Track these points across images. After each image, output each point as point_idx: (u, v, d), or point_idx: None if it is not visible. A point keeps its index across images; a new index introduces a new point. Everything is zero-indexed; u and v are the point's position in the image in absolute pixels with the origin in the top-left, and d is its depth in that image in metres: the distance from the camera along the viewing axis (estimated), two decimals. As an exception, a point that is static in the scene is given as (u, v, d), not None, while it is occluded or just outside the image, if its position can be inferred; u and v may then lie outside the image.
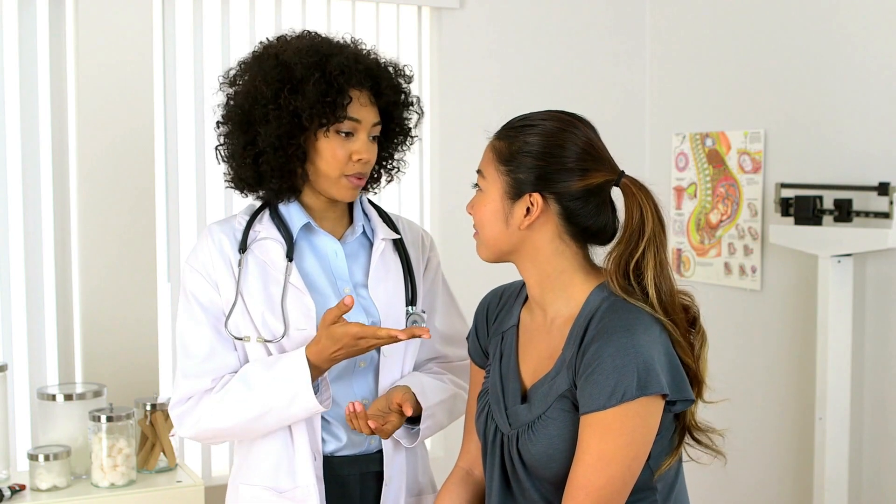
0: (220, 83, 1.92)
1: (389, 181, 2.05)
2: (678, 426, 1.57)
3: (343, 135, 1.83)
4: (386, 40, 3.41)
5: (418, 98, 1.99)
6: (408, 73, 1.96)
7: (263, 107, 1.81)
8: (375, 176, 2.02)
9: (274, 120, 1.80)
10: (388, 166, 2.02)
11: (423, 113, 2.00)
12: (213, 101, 1.96)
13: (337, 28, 1.96)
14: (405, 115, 1.96)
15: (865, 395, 2.97)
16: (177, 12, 3.11)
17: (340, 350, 1.76)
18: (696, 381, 1.56)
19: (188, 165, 3.15)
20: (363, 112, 1.84)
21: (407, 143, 2.00)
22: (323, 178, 1.85)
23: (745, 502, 3.38)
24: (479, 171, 1.63)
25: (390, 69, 1.93)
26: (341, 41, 1.90)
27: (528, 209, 1.56)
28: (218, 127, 1.92)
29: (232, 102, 1.88)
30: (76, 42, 2.93)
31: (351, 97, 1.82)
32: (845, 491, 2.91)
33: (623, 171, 1.58)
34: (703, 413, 1.60)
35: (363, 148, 1.84)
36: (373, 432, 1.79)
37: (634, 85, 3.79)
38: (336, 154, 1.82)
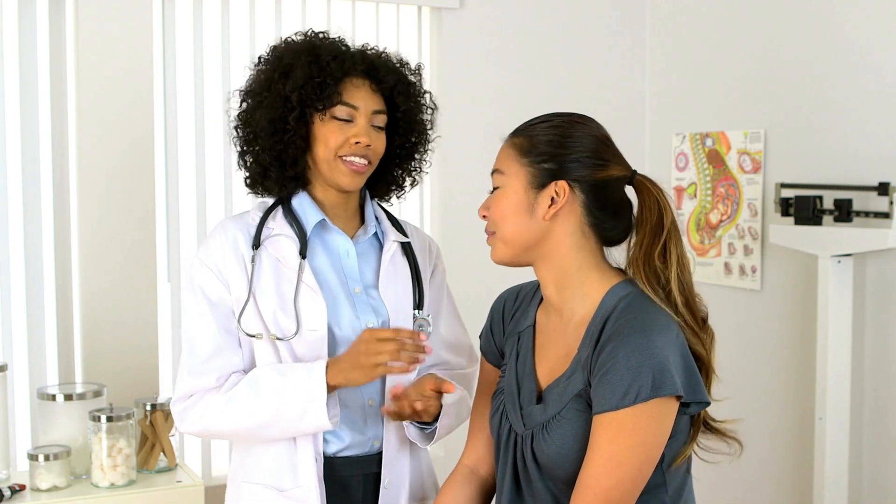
0: (238, 94, 1.92)
1: (413, 183, 2.03)
2: (692, 425, 1.57)
3: (342, 121, 1.83)
4: (386, 40, 3.40)
5: (431, 93, 1.95)
6: (412, 65, 1.94)
7: (258, 95, 1.84)
8: (400, 182, 2.00)
9: (267, 106, 1.82)
10: (409, 167, 1.99)
11: (436, 107, 1.97)
12: (213, 101, 1.96)
13: (337, 28, 1.95)
14: (411, 104, 1.92)
15: (865, 395, 2.96)
16: (177, 14, 3.11)
17: (359, 354, 1.76)
18: (706, 372, 1.56)
19: (188, 166, 3.15)
20: (359, 96, 1.84)
21: (422, 140, 1.97)
22: (323, 164, 1.85)
23: (746, 502, 3.38)
24: (495, 171, 1.62)
25: (392, 59, 1.91)
26: (346, 41, 1.90)
27: (552, 199, 1.56)
28: (235, 132, 1.93)
29: (242, 107, 1.90)
30: (76, 44, 2.93)
31: (342, 79, 1.82)
32: (845, 491, 2.90)
33: (636, 170, 1.60)
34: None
35: (362, 131, 1.83)
36: (414, 414, 1.80)
37: (634, 85, 3.79)
38: (335, 137, 1.82)
